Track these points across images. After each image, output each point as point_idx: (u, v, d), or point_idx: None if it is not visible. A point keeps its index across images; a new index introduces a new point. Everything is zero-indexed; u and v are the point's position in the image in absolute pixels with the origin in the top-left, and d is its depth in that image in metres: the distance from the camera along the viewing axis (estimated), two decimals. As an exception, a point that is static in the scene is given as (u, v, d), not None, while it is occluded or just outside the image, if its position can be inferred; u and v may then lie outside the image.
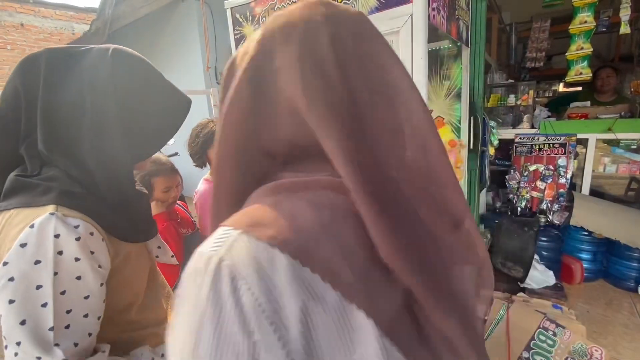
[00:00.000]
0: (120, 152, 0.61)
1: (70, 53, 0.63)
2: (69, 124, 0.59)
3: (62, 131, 0.59)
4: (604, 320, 1.95)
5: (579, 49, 2.48)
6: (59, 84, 0.59)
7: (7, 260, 0.51)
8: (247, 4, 1.34)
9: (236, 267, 0.28)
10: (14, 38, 6.26)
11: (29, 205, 0.55)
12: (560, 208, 2.41)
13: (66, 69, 0.60)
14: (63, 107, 0.58)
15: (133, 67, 0.65)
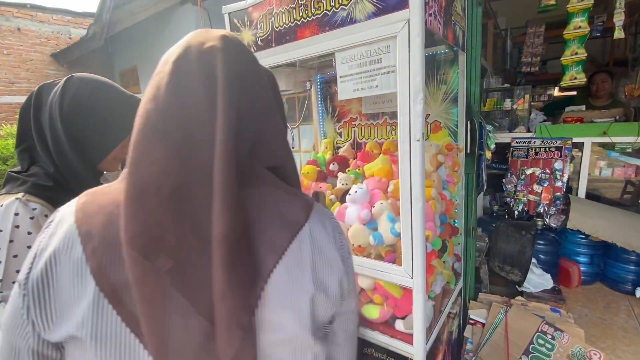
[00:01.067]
0: (74, 158, 0.81)
1: (48, 86, 0.85)
2: (45, 139, 0.82)
3: (43, 143, 0.82)
4: (602, 323, 1.95)
5: (573, 54, 2.50)
6: (40, 108, 0.83)
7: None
8: (244, 9, 1.35)
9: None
10: (10, 42, 6.24)
11: (9, 192, 0.78)
12: (557, 211, 2.42)
13: (45, 99, 0.83)
14: (41, 124, 0.83)
15: (79, 91, 0.83)
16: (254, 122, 0.45)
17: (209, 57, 0.43)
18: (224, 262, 0.37)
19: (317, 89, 2.13)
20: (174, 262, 0.38)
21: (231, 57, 0.44)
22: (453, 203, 1.57)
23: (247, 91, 0.45)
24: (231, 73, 0.43)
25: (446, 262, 1.55)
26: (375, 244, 1.25)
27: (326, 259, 0.47)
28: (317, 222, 0.49)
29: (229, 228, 0.38)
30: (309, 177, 1.74)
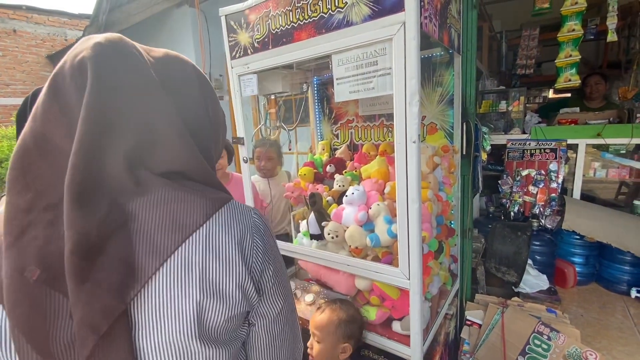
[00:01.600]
0: None
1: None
2: None
3: None
4: (597, 323, 1.97)
5: (567, 57, 2.53)
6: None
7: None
8: (241, 12, 1.35)
9: None
10: (5, 44, 6.21)
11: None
12: (552, 212, 2.44)
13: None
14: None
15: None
16: (131, 129, 0.44)
17: (80, 70, 0.43)
18: (71, 273, 0.39)
19: (314, 91, 2.14)
20: (43, 271, 0.40)
21: (100, 66, 0.43)
22: (449, 204, 1.57)
23: (120, 99, 0.44)
24: (99, 83, 0.42)
25: (443, 263, 1.55)
26: (372, 246, 1.25)
27: (222, 261, 0.47)
28: (220, 224, 0.49)
29: (73, 243, 0.39)
30: (305, 178, 1.74)
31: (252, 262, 0.51)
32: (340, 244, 1.39)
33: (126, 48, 0.47)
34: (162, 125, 0.47)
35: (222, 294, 0.47)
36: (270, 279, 0.54)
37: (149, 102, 0.46)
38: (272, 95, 1.65)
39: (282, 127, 1.74)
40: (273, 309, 0.55)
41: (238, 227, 0.50)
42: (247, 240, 0.51)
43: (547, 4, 2.58)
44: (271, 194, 2.14)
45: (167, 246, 0.44)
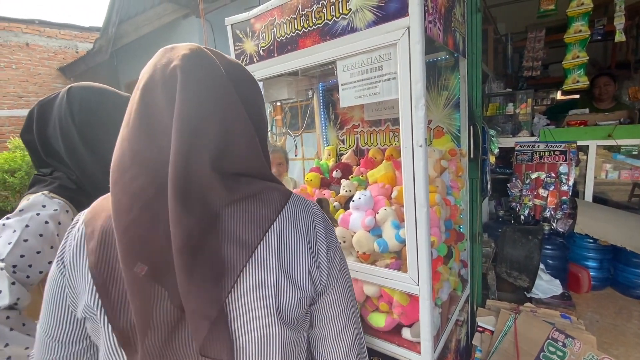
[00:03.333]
0: (89, 162, 0.87)
1: (47, 101, 0.90)
2: (56, 152, 0.89)
3: (56, 157, 0.90)
4: (614, 329, 1.91)
5: (575, 58, 2.50)
6: (46, 125, 0.89)
7: (9, 216, 0.81)
8: (246, 21, 1.37)
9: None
10: (19, 57, 6.39)
11: (37, 191, 0.85)
12: (563, 215, 2.39)
13: (48, 114, 0.88)
14: (49, 140, 0.89)
15: (83, 97, 0.88)
16: (214, 135, 0.49)
17: (171, 81, 0.47)
18: (182, 269, 0.44)
19: (319, 97, 2.15)
20: (150, 267, 0.45)
21: (188, 77, 0.47)
22: (458, 208, 1.56)
23: (204, 108, 0.48)
24: (188, 93, 0.47)
25: (452, 269, 1.53)
26: (380, 251, 1.24)
27: (292, 251, 0.53)
28: (288, 217, 0.54)
29: (181, 241, 0.44)
30: (312, 184, 1.74)
31: (317, 252, 0.56)
32: (348, 250, 1.38)
33: (207, 58, 0.51)
34: (237, 130, 0.51)
35: (294, 280, 0.52)
36: (328, 266, 0.57)
37: (228, 109, 0.50)
38: (278, 102, 1.66)
39: (288, 133, 1.75)
40: (339, 298, 0.59)
41: (303, 219, 0.56)
42: (312, 231, 0.56)
43: (553, 5, 2.57)
44: None
45: (251, 241, 0.50)
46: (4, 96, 6.25)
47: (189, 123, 0.46)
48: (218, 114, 0.49)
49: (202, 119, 0.48)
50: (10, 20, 6.26)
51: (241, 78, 0.56)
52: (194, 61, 0.49)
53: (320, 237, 0.57)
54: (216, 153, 0.49)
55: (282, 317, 0.51)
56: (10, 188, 3.84)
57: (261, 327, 0.50)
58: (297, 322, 0.54)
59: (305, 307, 0.55)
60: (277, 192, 0.55)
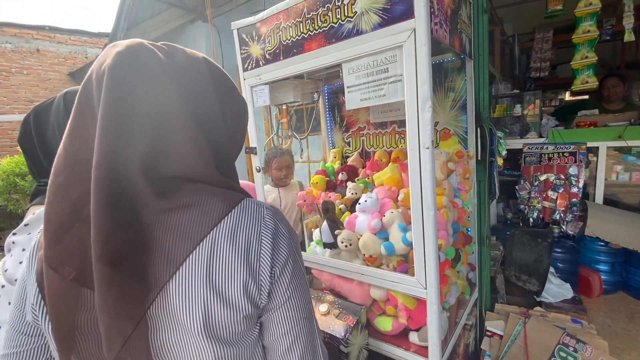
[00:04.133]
0: None
1: (43, 107, 0.89)
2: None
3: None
4: (626, 334, 1.87)
5: (583, 58, 2.47)
6: (45, 131, 0.88)
7: (15, 232, 0.81)
8: (252, 25, 1.38)
9: None
10: (30, 63, 6.53)
11: (41, 203, 0.84)
12: (573, 218, 2.35)
13: (45, 121, 0.87)
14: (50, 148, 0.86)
15: None
16: (143, 134, 0.46)
17: (102, 79, 0.45)
18: (100, 280, 0.42)
19: (325, 100, 2.15)
20: (78, 273, 0.45)
21: (114, 75, 0.45)
22: (465, 211, 1.54)
23: (131, 107, 0.45)
24: (113, 91, 0.44)
25: (460, 272, 1.51)
26: (386, 254, 1.23)
27: (226, 267, 0.49)
28: (227, 230, 0.50)
29: (100, 250, 0.42)
30: (318, 186, 1.74)
31: (259, 265, 0.51)
32: (354, 253, 1.38)
33: (143, 54, 0.48)
34: (175, 129, 0.47)
35: (227, 299, 0.49)
36: (282, 282, 0.54)
37: (162, 107, 0.47)
38: (284, 105, 1.67)
39: (294, 136, 1.76)
40: (286, 317, 0.55)
41: (246, 232, 0.51)
42: (254, 245, 0.51)
43: (560, 6, 2.54)
44: (281, 203, 2.14)
45: (178, 256, 0.47)
46: (16, 101, 6.39)
47: (114, 123, 0.44)
48: (148, 112, 0.46)
49: (127, 118, 0.45)
50: (21, 27, 6.40)
51: (195, 75, 0.52)
52: (125, 57, 0.46)
53: (264, 252, 0.52)
54: (148, 155, 0.46)
55: (214, 334, 0.48)
56: (21, 191, 3.91)
57: (189, 345, 0.48)
58: (238, 337, 0.51)
59: (245, 324, 0.51)
60: (220, 200, 0.50)
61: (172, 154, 0.48)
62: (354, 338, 1.22)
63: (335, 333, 1.20)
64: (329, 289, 1.53)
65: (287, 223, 0.58)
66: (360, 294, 1.38)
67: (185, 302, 0.47)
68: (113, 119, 0.44)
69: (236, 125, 0.60)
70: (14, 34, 6.32)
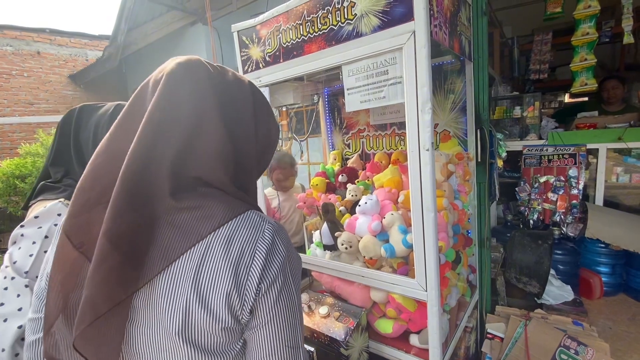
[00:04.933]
0: None
1: (91, 107, 0.94)
2: (82, 153, 0.91)
3: (80, 158, 0.92)
4: (628, 337, 1.86)
5: (582, 60, 2.48)
6: (81, 127, 0.93)
7: (24, 224, 0.82)
8: (252, 27, 1.39)
9: None
10: (30, 65, 6.54)
11: (49, 198, 0.86)
12: (574, 220, 2.35)
13: (87, 119, 0.92)
14: (80, 141, 0.92)
15: None
16: (179, 135, 0.50)
17: (156, 83, 0.51)
18: (97, 252, 0.45)
19: (325, 102, 2.15)
20: (87, 247, 0.48)
21: (169, 81, 0.50)
22: (465, 213, 1.54)
23: (177, 110, 0.50)
24: (163, 94, 0.49)
25: (460, 274, 1.51)
26: (386, 256, 1.23)
27: (214, 274, 0.49)
28: (223, 238, 0.50)
29: (107, 226, 0.45)
30: (318, 188, 1.74)
31: (246, 279, 0.50)
32: (354, 255, 1.37)
33: (197, 67, 0.54)
34: (206, 136, 0.51)
35: (209, 306, 0.48)
36: (267, 300, 0.51)
37: (200, 111, 0.51)
38: (284, 107, 1.67)
39: (294, 138, 1.76)
40: (268, 338, 0.52)
41: (241, 243, 0.51)
42: (246, 258, 0.51)
43: (559, 8, 2.55)
44: (280, 205, 2.14)
45: (173, 252, 0.49)
46: (16, 103, 6.39)
47: (158, 116, 0.48)
48: (189, 113, 0.50)
49: (170, 115, 0.49)
50: (22, 30, 6.42)
51: (237, 93, 0.57)
52: (181, 67, 0.52)
53: (254, 267, 0.50)
54: (180, 153, 0.50)
55: (191, 339, 0.48)
56: (21, 194, 3.91)
57: (164, 345, 0.48)
58: (217, 348, 0.50)
59: (225, 336, 0.50)
60: (224, 208, 0.51)
61: (199, 155, 0.51)
62: (354, 341, 1.22)
63: (336, 335, 1.19)
64: (329, 291, 1.52)
65: (288, 242, 0.57)
66: (360, 296, 1.37)
67: (169, 300, 0.48)
68: (157, 113, 0.48)
69: (265, 147, 0.63)
70: (15, 36, 6.34)
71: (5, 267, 0.80)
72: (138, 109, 0.51)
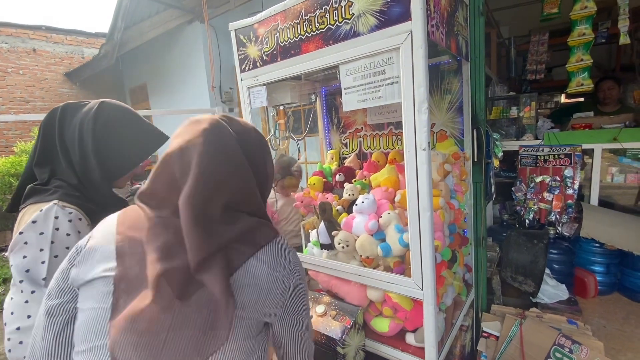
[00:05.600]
0: (97, 173, 0.90)
1: (75, 106, 0.93)
2: (68, 153, 0.90)
3: (67, 157, 0.90)
4: (622, 335, 1.88)
5: (578, 61, 2.50)
6: (65, 126, 0.91)
7: (22, 230, 0.80)
8: (250, 26, 1.38)
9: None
10: (26, 63, 6.48)
11: (42, 201, 0.84)
12: (569, 219, 2.37)
13: (70, 117, 0.91)
14: (65, 140, 0.91)
15: (110, 115, 0.93)
16: (229, 190, 0.63)
17: (186, 152, 0.61)
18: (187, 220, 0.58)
19: (322, 101, 2.15)
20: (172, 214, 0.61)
21: (204, 155, 0.61)
22: (462, 212, 1.55)
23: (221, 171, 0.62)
24: (202, 167, 0.60)
25: (456, 273, 1.52)
26: (383, 255, 1.24)
27: (255, 287, 0.61)
28: (259, 258, 0.64)
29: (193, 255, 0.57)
30: (315, 188, 1.74)
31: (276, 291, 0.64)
32: (351, 254, 1.38)
33: (224, 132, 0.65)
34: (245, 184, 0.65)
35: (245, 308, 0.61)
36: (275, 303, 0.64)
37: (239, 170, 0.64)
38: (281, 106, 1.67)
39: (291, 137, 1.76)
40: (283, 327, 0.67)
41: (266, 264, 0.64)
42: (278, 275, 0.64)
43: (556, 9, 2.56)
44: (280, 209, 2.14)
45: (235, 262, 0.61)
46: (11, 101, 6.34)
47: (210, 178, 0.60)
48: (232, 174, 0.63)
49: (221, 178, 0.62)
50: (17, 27, 6.36)
51: (251, 143, 0.69)
52: (212, 137, 0.63)
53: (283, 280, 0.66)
54: (231, 199, 0.63)
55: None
56: (15, 192, 3.88)
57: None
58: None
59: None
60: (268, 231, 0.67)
61: (239, 197, 0.65)
62: (351, 339, 1.22)
63: (332, 334, 1.19)
64: (325, 290, 1.53)
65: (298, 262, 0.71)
66: (357, 295, 1.38)
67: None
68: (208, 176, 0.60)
69: (269, 181, 0.76)
70: (10, 33, 6.28)
71: (20, 282, 0.79)
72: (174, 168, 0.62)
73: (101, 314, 0.59)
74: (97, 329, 0.58)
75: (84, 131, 0.89)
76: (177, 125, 1.02)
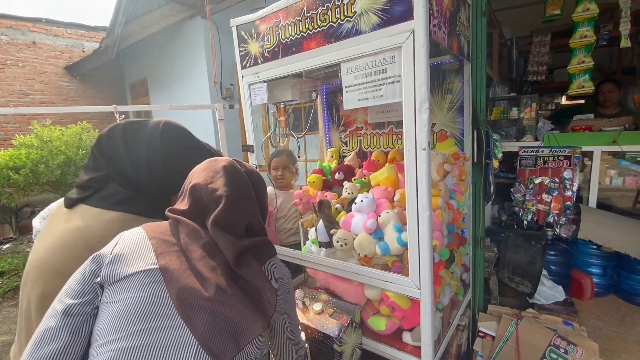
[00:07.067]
0: (163, 186, 0.95)
1: (138, 124, 0.98)
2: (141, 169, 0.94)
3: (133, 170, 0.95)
4: (617, 337, 1.89)
5: (580, 63, 2.49)
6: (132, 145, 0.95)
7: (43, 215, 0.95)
8: (252, 22, 1.38)
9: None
10: (25, 56, 6.44)
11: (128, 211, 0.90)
12: (567, 221, 2.37)
13: (137, 137, 0.96)
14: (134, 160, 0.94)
15: (173, 135, 0.99)
16: (246, 215, 0.78)
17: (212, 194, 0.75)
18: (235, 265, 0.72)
19: (323, 99, 2.15)
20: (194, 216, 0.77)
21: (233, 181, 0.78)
22: (460, 212, 1.55)
23: (242, 201, 0.78)
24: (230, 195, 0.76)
25: (454, 273, 1.52)
26: (381, 254, 1.24)
27: (267, 288, 0.74)
28: (270, 263, 0.81)
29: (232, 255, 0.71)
30: (314, 185, 1.74)
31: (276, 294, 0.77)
32: (349, 252, 1.38)
33: (239, 171, 0.81)
34: (253, 212, 0.81)
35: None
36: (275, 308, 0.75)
37: (253, 200, 0.81)
38: (282, 104, 1.67)
39: (291, 135, 1.75)
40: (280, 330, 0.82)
41: (271, 271, 0.79)
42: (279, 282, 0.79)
43: (558, 10, 2.56)
44: (279, 206, 2.13)
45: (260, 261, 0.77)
46: (10, 94, 6.30)
47: (235, 204, 0.75)
48: (249, 202, 0.80)
49: (240, 207, 0.77)
50: (17, 19, 6.32)
51: (256, 179, 0.85)
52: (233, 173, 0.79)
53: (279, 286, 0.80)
54: (249, 222, 0.79)
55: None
56: (14, 185, 3.86)
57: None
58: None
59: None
60: (268, 247, 0.82)
61: (250, 222, 0.79)
62: (348, 337, 1.23)
63: (329, 332, 1.20)
64: (323, 288, 1.53)
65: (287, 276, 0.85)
66: (354, 293, 1.38)
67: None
68: (235, 202, 0.76)
69: (266, 207, 0.93)
70: (10, 26, 6.24)
71: None
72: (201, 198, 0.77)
73: (146, 300, 0.65)
74: (147, 310, 0.64)
75: (151, 153, 0.94)
76: (177, 120, 1.02)
